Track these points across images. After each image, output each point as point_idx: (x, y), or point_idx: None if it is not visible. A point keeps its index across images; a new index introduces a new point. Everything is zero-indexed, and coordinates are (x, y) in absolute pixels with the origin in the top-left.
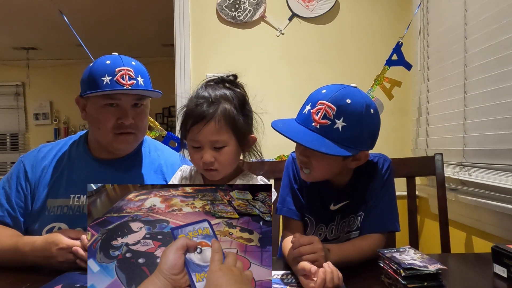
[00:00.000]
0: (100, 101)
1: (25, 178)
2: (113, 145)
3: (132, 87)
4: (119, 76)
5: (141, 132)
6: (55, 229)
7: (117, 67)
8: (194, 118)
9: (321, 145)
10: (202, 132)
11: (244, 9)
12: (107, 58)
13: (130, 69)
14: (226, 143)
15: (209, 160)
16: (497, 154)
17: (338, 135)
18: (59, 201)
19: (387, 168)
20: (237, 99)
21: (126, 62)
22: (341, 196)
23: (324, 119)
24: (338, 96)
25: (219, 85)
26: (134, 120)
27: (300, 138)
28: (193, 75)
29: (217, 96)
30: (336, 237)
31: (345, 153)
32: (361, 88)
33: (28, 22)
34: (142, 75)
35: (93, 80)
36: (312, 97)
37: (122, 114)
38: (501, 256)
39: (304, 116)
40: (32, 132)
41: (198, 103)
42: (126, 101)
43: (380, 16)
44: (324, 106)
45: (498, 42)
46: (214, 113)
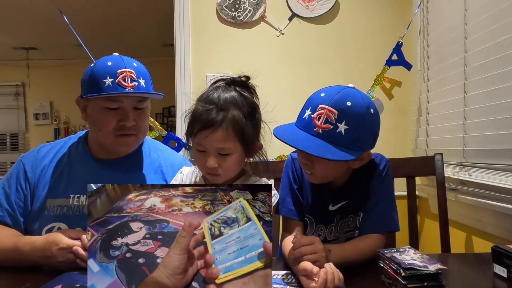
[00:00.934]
0: (102, 103)
1: (24, 178)
2: (114, 147)
3: (134, 89)
4: (120, 78)
5: (142, 133)
6: (54, 229)
7: (119, 68)
8: (201, 124)
9: (326, 151)
10: (208, 138)
11: (244, 9)
12: (109, 59)
13: (131, 71)
14: (232, 151)
15: (213, 166)
16: (497, 154)
17: (341, 139)
18: (58, 201)
19: (384, 167)
20: (247, 106)
21: (127, 64)
22: (340, 197)
23: (326, 124)
24: (338, 99)
25: (230, 87)
26: (135, 122)
27: (304, 145)
28: (193, 75)
29: (227, 101)
30: (336, 237)
31: (349, 157)
32: (361, 88)
33: (28, 22)
34: (143, 77)
35: (95, 82)
36: (311, 101)
37: (123, 116)
38: (501, 256)
39: (305, 121)
40: (32, 132)
41: (207, 108)
42: (128, 103)
43: (380, 16)
44: (325, 111)
45: (498, 42)
46: (222, 120)
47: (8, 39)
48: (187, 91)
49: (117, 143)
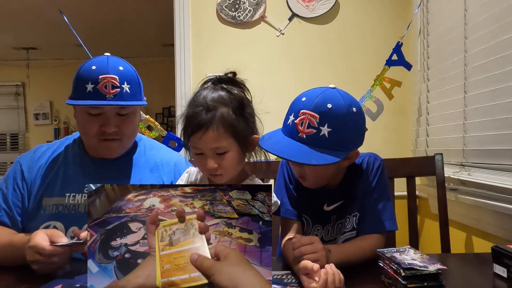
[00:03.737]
0: (84, 108)
1: (21, 178)
2: (97, 151)
3: (114, 97)
4: (101, 84)
5: (127, 138)
6: (50, 227)
7: (101, 74)
8: (192, 127)
9: (310, 157)
10: (202, 140)
11: (244, 9)
12: (94, 62)
13: (114, 77)
14: (227, 148)
15: (213, 167)
16: (497, 154)
17: (326, 142)
18: (54, 199)
19: (378, 167)
20: (235, 102)
21: (111, 69)
22: (335, 197)
23: (309, 128)
24: (319, 103)
25: (217, 87)
26: (118, 128)
27: (289, 153)
28: (193, 75)
29: (214, 101)
30: (333, 238)
31: (335, 159)
32: (361, 88)
33: (28, 22)
34: (128, 82)
35: (78, 86)
36: (294, 107)
37: (104, 122)
38: (501, 256)
39: (290, 128)
40: (32, 132)
41: (195, 111)
42: (109, 109)
43: (380, 17)
44: (307, 116)
45: (498, 42)
46: (211, 120)
47: (8, 39)
48: (187, 91)
49: (100, 147)
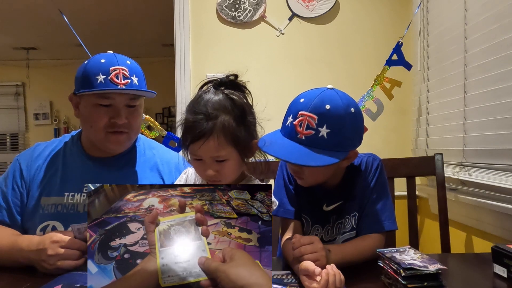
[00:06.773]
0: (94, 100)
1: (20, 177)
2: (105, 144)
3: (126, 87)
4: (113, 75)
5: (134, 132)
6: (49, 227)
7: (112, 66)
8: (192, 136)
9: (309, 159)
10: (202, 149)
11: (244, 9)
12: (102, 56)
13: (124, 68)
14: (227, 157)
15: (212, 174)
16: (497, 154)
17: (324, 143)
18: (53, 199)
19: (377, 167)
20: (237, 109)
21: (120, 61)
22: (334, 197)
23: (308, 130)
24: (317, 104)
25: (218, 91)
26: (128, 120)
27: (288, 155)
28: (193, 75)
29: (215, 108)
30: (333, 238)
31: (334, 160)
32: (361, 88)
33: (28, 22)
34: (136, 75)
35: (87, 78)
36: (292, 108)
37: (115, 113)
38: (501, 256)
39: (289, 129)
40: (32, 132)
41: (196, 119)
42: (120, 100)
43: (380, 17)
44: (305, 117)
45: (498, 42)
46: (212, 129)
47: (8, 39)
48: (187, 91)
49: (108, 141)
